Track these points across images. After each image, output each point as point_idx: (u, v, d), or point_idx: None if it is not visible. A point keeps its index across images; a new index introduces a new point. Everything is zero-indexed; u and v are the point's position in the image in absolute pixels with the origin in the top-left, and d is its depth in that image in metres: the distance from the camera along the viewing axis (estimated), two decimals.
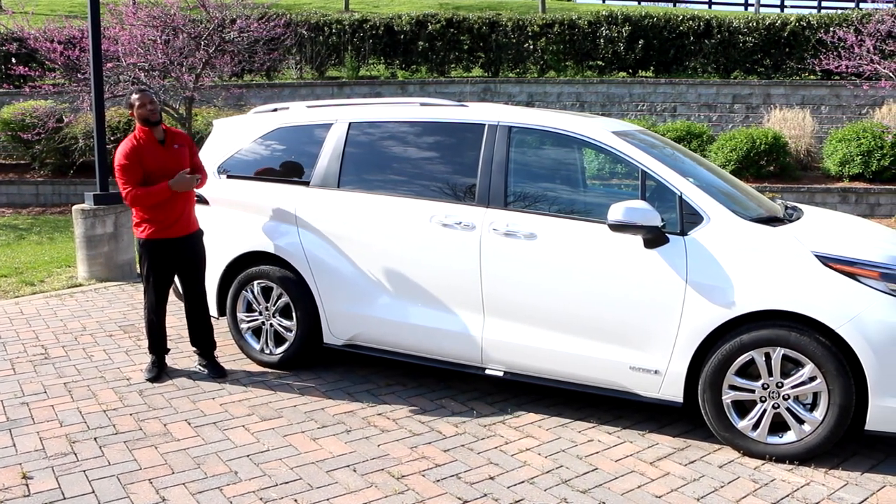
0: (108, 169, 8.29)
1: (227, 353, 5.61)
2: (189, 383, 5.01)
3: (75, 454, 3.97)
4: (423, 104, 5.06)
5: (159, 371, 5.14)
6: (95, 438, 4.16)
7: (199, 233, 5.21)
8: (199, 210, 5.43)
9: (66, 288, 7.68)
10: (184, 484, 3.67)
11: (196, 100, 12.18)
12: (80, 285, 7.80)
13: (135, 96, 4.92)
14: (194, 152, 5.15)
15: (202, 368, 5.24)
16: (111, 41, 11.19)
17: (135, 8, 11.67)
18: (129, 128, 13.81)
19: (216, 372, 5.17)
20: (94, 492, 3.58)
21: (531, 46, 17.49)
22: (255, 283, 5.27)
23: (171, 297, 5.99)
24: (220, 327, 6.13)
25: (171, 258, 5.05)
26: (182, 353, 5.59)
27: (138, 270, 5.15)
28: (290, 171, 5.27)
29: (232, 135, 5.61)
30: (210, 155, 5.64)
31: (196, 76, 11.49)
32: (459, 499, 3.56)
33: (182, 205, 5.01)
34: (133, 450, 4.02)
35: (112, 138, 13.24)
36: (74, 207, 7.99)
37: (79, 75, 11.76)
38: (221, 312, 5.56)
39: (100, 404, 4.64)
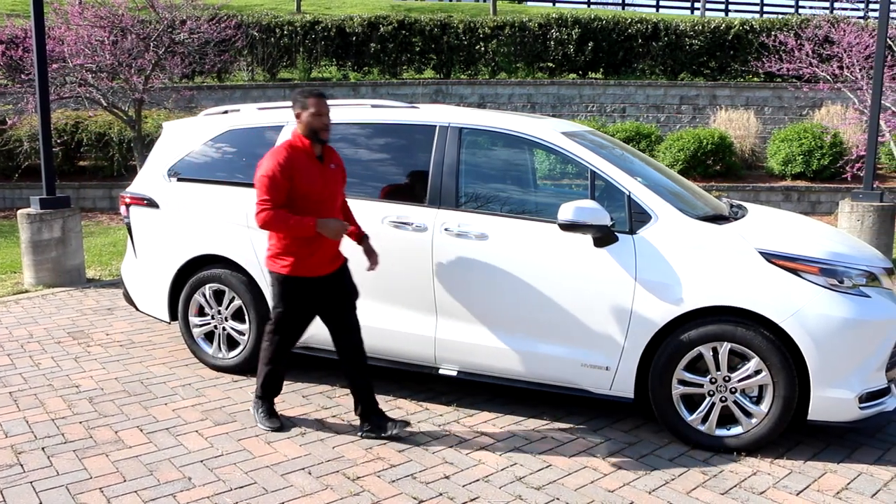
0: (55, 172, 8.11)
1: (179, 357, 5.54)
2: (140, 388, 4.93)
3: (21, 465, 3.88)
4: (374, 106, 5.06)
5: (280, 421, 4.38)
6: (43, 448, 4.07)
7: (346, 262, 4.37)
8: (148, 214, 5.36)
9: (12, 294, 7.49)
10: (136, 492, 3.61)
11: (146, 102, 11.99)
12: (27, 291, 7.62)
13: (311, 100, 4.02)
14: (344, 177, 4.36)
15: (369, 432, 4.24)
16: (56, 41, 10.96)
17: (81, 7, 11.44)
18: (77, 129, 13.49)
19: (392, 426, 4.21)
20: (41, 503, 3.51)
21: (482, 48, 17.59)
22: (207, 286, 5.21)
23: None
24: (173, 332, 6.06)
25: (315, 299, 4.23)
26: (132, 359, 5.50)
27: (270, 304, 4.36)
28: (242, 174, 5.23)
29: (182, 137, 5.54)
30: (160, 157, 5.56)
31: (145, 78, 11.32)
32: (415, 498, 3.58)
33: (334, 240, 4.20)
34: (83, 458, 3.95)
35: (58, 141, 12.94)
36: (20, 212, 7.81)
37: (22, 76, 11.50)
38: (173, 317, 5.48)
39: (48, 413, 4.54)
